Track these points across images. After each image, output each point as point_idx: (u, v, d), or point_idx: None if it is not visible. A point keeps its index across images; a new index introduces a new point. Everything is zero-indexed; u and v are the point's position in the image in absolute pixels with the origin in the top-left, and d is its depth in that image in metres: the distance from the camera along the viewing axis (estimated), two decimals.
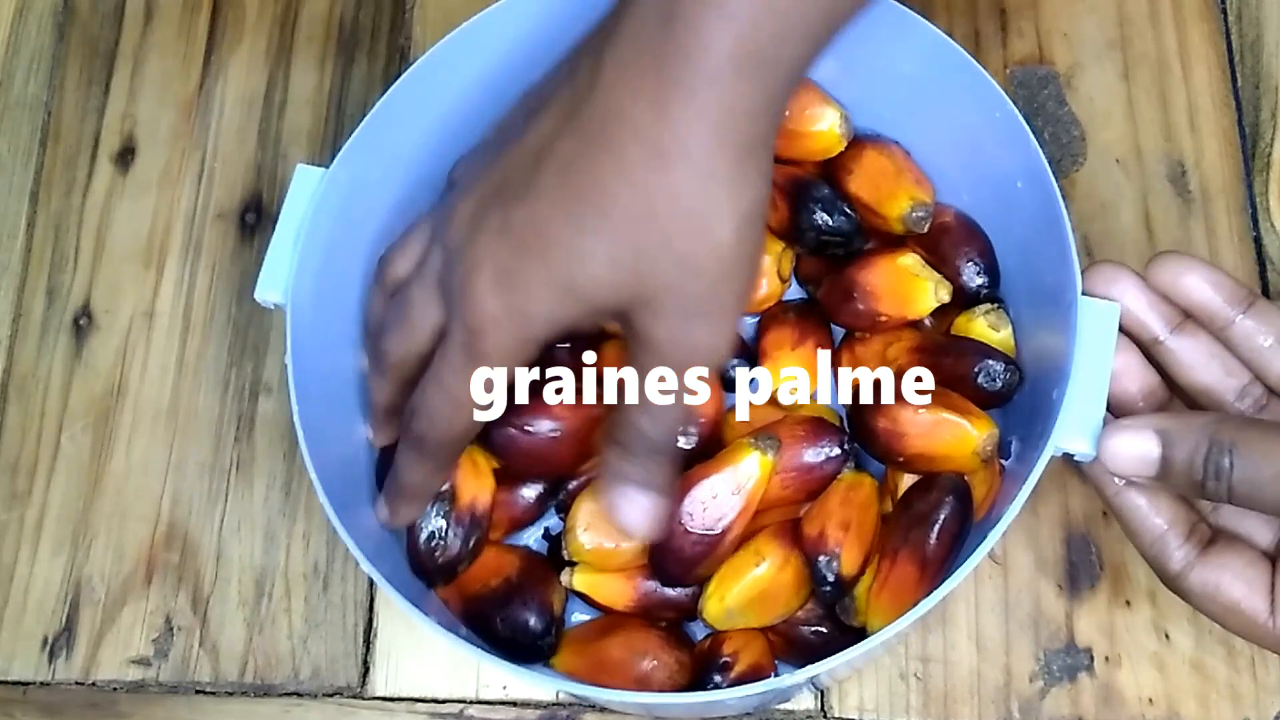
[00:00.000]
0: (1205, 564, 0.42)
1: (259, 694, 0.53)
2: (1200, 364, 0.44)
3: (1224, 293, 0.43)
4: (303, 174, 0.46)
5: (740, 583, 0.45)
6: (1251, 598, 0.41)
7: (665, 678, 0.46)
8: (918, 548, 0.44)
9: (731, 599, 0.45)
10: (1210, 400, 0.44)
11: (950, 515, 0.44)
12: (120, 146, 0.61)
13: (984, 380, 0.45)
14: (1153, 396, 0.44)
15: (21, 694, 0.53)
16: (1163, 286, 0.43)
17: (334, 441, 0.47)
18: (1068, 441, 0.42)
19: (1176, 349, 0.44)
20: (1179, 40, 0.60)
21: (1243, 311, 0.43)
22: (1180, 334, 0.44)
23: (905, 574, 0.44)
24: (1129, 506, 0.43)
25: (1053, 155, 0.58)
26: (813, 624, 0.47)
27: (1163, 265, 0.43)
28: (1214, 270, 0.43)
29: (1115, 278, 0.44)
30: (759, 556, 0.45)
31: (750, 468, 0.45)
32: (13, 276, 0.59)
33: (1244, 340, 0.43)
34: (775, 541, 0.46)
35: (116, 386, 0.57)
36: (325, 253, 0.46)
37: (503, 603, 0.46)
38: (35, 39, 0.63)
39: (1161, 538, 0.42)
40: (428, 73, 0.47)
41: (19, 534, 0.55)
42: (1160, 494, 0.43)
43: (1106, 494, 0.44)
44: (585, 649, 0.47)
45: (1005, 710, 0.51)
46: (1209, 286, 0.43)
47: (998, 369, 0.46)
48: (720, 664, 0.46)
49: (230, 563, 0.54)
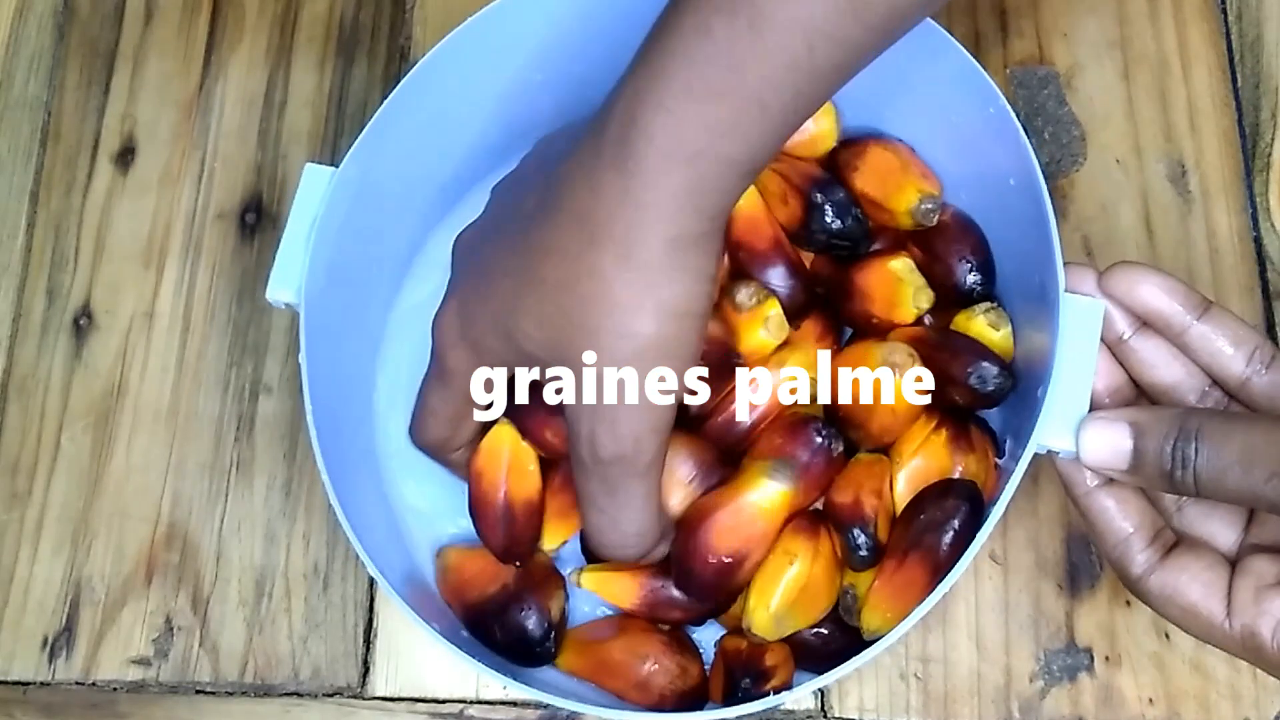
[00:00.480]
0: (1165, 567, 0.42)
1: (259, 694, 0.53)
2: (1163, 363, 0.44)
3: (1179, 299, 0.43)
4: (312, 173, 0.46)
5: (779, 587, 0.44)
6: (1208, 600, 0.41)
7: (666, 682, 0.46)
8: (931, 552, 0.44)
9: (776, 605, 0.44)
10: (1173, 399, 0.44)
11: (965, 523, 0.44)
12: (120, 146, 0.61)
13: (975, 382, 0.45)
14: (1119, 394, 0.44)
15: (21, 694, 0.53)
16: (1118, 295, 0.44)
17: (342, 442, 0.47)
18: (1051, 438, 0.42)
19: (1139, 348, 0.44)
20: (1179, 40, 0.60)
21: (1198, 317, 0.43)
22: (1143, 334, 0.44)
23: (913, 576, 0.44)
24: (1097, 508, 0.43)
25: (1053, 155, 0.58)
26: (813, 625, 0.47)
27: (1118, 275, 0.44)
28: (1168, 278, 0.43)
29: (1083, 278, 0.44)
30: (790, 556, 0.45)
31: (767, 496, 0.44)
32: (13, 276, 0.59)
33: (1201, 345, 0.43)
34: (799, 537, 0.45)
35: (116, 386, 0.57)
36: (334, 251, 0.46)
37: (501, 609, 0.46)
38: (35, 39, 0.63)
39: (1126, 540, 0.43)
40: (434, 70, 0.47)
41: (19, 534, 0.55)
42: (1129, 497, 0.43)
43: (1076, 494, 0.44)
44: (587, 649, 0.47)
45: (1005, 710, 0.51)
46: (1164, 294, 0.43)
47: (990, 372, 0.45)
48: (759, 673, 0.45)
49: (230, 563, 0.54)
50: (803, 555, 0.45)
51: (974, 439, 0.47)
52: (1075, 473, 0.43)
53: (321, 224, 0.45)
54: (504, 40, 0.48)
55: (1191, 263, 0.56)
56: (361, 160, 0.46)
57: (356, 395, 0.52)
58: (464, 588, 0.47)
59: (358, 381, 0.52)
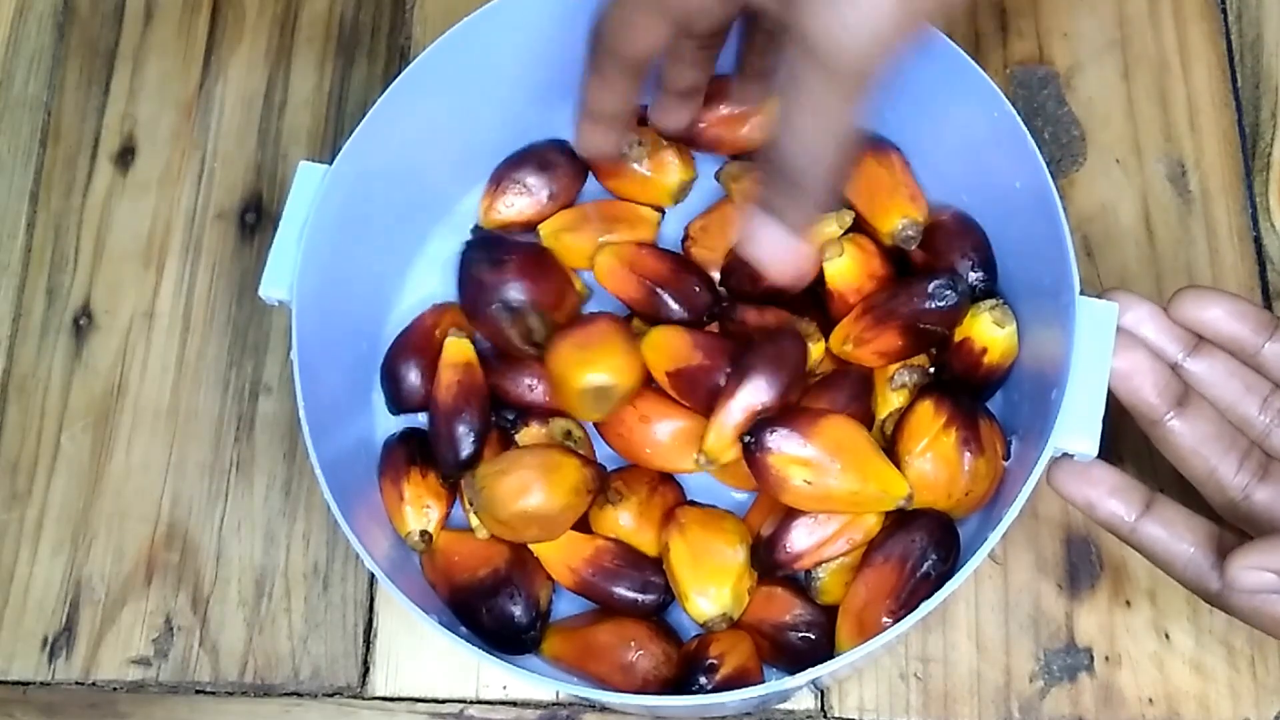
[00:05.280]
0: (1248, 575, 0.41)
1: (259, 694, 0.53)
2: (1220, 382, 0.44)
3: (1249, 322, 0.44)
4: (305, 171, 0.46)
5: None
6: None
7: (651, 668, 0.46)
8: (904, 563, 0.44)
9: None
10: (1233, 416, 0.44)
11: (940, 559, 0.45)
12: (120, 146, 0.61)
13: (938, 302, 0.46)
14: (1168, 390, 0.44)
15: (21, 694, 0.53)
16: (1186, 322, 0.44)
17: (338, 438, 0.47)
18: (1067, 441, 0.42)
19: (1195, 370, 0.44)
20: (1179, 40, 0.60)
21: (1269, 337, 0.43)
22: (1197, 355, 0.44)
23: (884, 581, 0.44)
24: (1150, 538, 0.44)
25: (1053, 155, 0.58)
26: (800, 629, 0.47)
27: (1186, 300, 0.44)
28: (1236, 300, 0.44)
29: (1129, 305, 0.44)
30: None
31: (869, 520, 0.46)
32: (13, 276, 0.59)
33: (1276, 365, 0.44)
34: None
35: (116, 386, 0.57)
36: (328, 249, 0.46)
37: (490, 593, 0.47)
38: (35, 39, 0.63)
39: (1193, 559, 0.43)
40: (429, 68, 0.47)
41: (19, 534, 0.55)
42: (1176, 518, 0.43)
43: (1123, 533, 0.44)
44: (573, 635, 0.48)
45: (1005, 710, 0.51)
46: (1233, 318, 0.44)
47: (944, 285, 0.46)
48: (706, 665, 0.46)
49: (230, 563, 0.54)
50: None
51: (984, 439, 0.47)
52: (1113, 513, 0.44)
53: (315, 222, 0.45)
54: (501, 39, 0.48)
55: (1191, 263, 0.56)
56: (356, 158, 0.46)
57: (355, 394, 0.52)
58: (452, 570, 0.48)
59: (356, 380, 0.52)
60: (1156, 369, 0.44)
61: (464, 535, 0.48)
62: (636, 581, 0.48)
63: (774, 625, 0.47)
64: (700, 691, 0.45)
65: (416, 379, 0.50)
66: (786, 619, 0.47)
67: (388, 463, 0.50)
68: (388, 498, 0.49)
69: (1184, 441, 0.44)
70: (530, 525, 0.46)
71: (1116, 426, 0.43)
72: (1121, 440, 0.53)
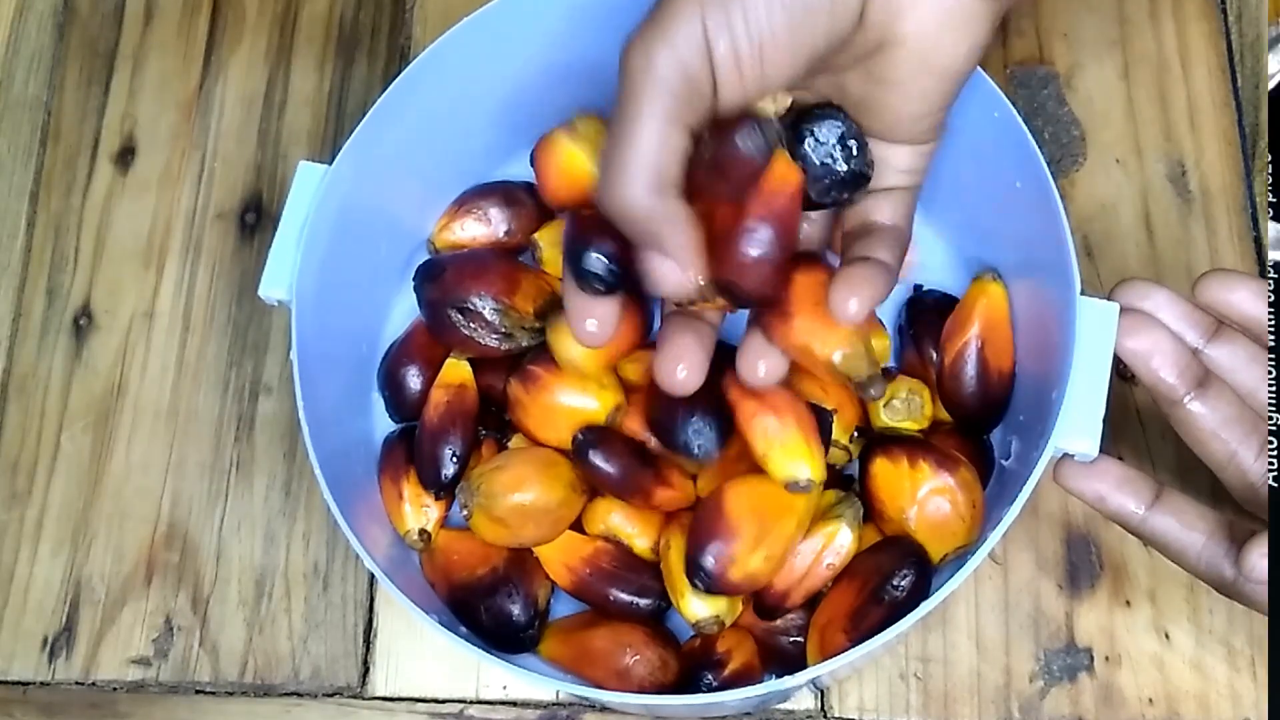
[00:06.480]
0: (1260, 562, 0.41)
1: (259, 694, 0.53)
2: (1241, 368, 0.44)
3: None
4: (305, 171, 0.46)
5: None
6: None
7: (647, 673, 0.46)
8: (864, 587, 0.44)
9: None
10: (1254, 402, 0.44)
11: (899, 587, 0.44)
12: (120, 146, 0.61)
13: (824, 164, 0.41)
14: (1189, 372, 0.44)
15: (21, 694, 0.53)
16: (1213, 304, 0.44)
17: (337, 438, 0.47)
18: (1068, 441, 0.42)
19: (1216, 356, 0.44)
20: (1179, 40, 0.60)
21: None
22: (1218, 341, 0.44)
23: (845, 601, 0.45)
24: (1161, 529, 0.43)
25: (1053, 155, 0.58)
26: (791, 634, 0.47)
27: (1212, 282, 0.44)
28: (1262, 283, 0.43)
29: (1147, 293, 0.44)
30: None
31: (843, 540, 0.45)
32: (13, 276, 0.59)
33: None
34: None
35: (116, 386, 0.57)
36: (328, 249, 0.46)
37: (488, 592, 0.47)
38: (35, 39, 0.63)
39: (1206, 548, 0.42)
40: (430, 68, 0.47)
41: (19, 534, 0.55)
42: (1184, 506, 0.43)
43: (1133, 525, 0.44)
44: (570, 638, 0.48)
45: (1005, 710, 0.51)
46: (1259, 300, 0.43)
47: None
48: (713, 661, 0.46)
49: (230, 563, 0.54)
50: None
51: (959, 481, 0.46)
52: (1123, 505, 0.43)
53: (314, 221, 0.45)
54: (500, 39, 0.48)
55: (1191, 263, 0.56)
56: (355, 158, 0.46)
57: (355, 394, 0.52)
58: (451, 568, 0.48)
59: (356, 380, 0.52)
60: (1177, 349, 0.43)
61: (463, 534, 0.48)
62: (633, 585, 0.48)
63: (765, 630, 0.47)
64: (706, 688, 0.45)
65: (417, 385, 0.50)
66: (778, 624, 0.47)
67: (387, 462, 0.50)
68: (387, 497, 0.49)
69: (1204, 424, 0.43)
70: (526, 522, 0.46)
71: (1115, 425, 0.43)
72: (1120, 438, 0.53)
